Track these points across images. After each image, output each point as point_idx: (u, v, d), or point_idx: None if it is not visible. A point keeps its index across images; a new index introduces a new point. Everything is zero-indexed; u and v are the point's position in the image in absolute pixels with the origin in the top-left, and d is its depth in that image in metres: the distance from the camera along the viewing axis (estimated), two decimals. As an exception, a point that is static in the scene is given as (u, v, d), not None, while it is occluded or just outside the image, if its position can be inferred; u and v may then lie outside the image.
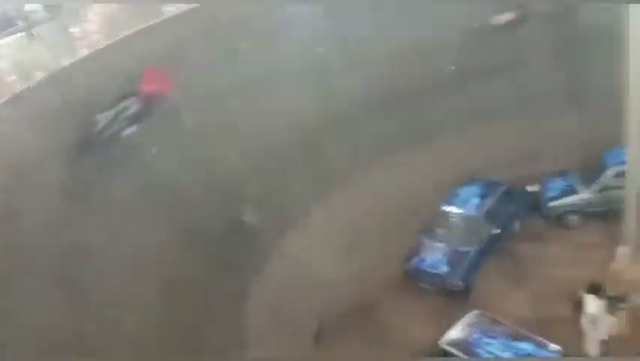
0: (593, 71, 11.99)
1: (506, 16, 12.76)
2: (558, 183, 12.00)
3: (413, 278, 11.10)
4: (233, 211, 11.56)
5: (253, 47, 12.64)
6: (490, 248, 11.19)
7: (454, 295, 10.51)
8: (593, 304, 7.79)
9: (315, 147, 12.66)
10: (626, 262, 8.68)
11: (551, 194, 11.85)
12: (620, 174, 9.78)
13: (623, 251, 8.73)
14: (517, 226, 11.89)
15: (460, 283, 10.47)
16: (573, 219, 11.50)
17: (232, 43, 12.77)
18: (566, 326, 8.93)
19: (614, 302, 8.85)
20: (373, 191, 12.75)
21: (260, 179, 11.90)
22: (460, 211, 11.50)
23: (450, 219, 11.58)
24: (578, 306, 9.22)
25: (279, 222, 11.88)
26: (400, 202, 12.66)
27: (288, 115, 12.41)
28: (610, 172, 10.94)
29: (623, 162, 9.26)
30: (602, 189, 11.09)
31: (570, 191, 11.63)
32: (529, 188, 12.51)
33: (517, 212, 11.93)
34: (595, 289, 7.86)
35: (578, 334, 8.62)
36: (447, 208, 11.68)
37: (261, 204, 11.71)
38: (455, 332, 8.78)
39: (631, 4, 7.00)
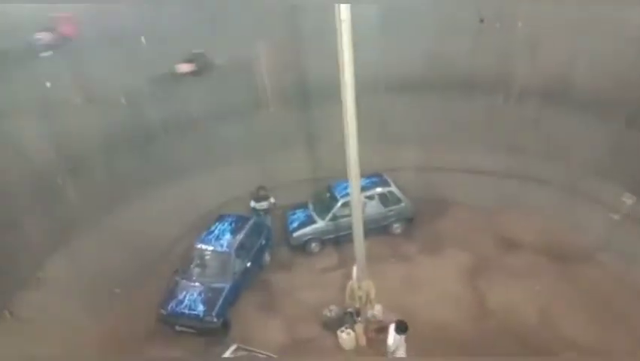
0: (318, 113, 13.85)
1: (186, 67, 13.44)
2: (299, 215, 13.26)
3: (170, 323, 10.59)
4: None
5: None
6: (244, 281, 11.55)
7: (214, 333, 10.45)
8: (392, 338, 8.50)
9: (50, 192, 11.18)
10: (358, 280, 9.98)
11: (295, 225, 13.00)
12: (347, 204, 11.34)
13: (355, 271, 10.02)
14: (267, 257, 12.63)
15: (216, 320, 10.47)
16: (314, 246, 12.82)
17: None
18: (318, 343, 9.90)
19: (352, 317, 10.14)
20: (120, 235, 11.85)
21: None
22: (213, 248, 11.58)
23: (204, 257, 11.54)
24: (326, 325, 10.31)
25: (8, 284, 9.87)
26: (150, 244, 12.13)
27: (15, 156, 10.66)
28: (339, 203, 12.60)
29: (348, 194, 10.70)
30: (334, 218, 12.69)
31: (309, 221, 12.96)
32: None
33: (266, 244, 12.69)
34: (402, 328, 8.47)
35: (327, 350, 9.58)
36: (200, 246, 11.64)
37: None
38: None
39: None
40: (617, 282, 10.70)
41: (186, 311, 10.57)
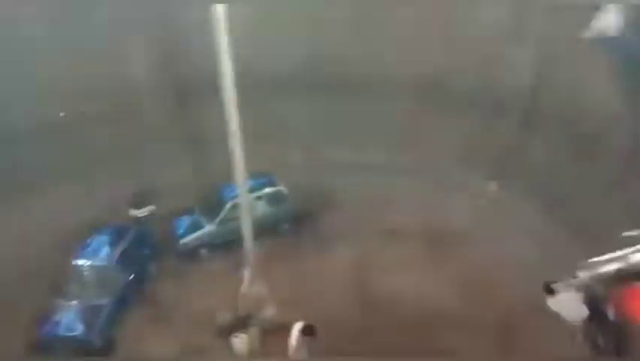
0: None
1: None
2: (186, 221, 12.77)
3: (48, 348, 9.63)
4: None
5: None
6: (130, 295, 10.87)
7: (98, 354, 9.71)
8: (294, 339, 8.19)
9: None
10: (249, 283, 9.88)
11: (181, 231, 12.50)
12: (236, 206, 11.17)
13: (247, 274, 9.90)
14: (153, 267, 11.99)
15: (98, 339, 9.75)
16: (203, 252, 12.42)
17: None
18: (212, 351, 9.63)
19: (246, 322, 10.00)
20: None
21: None
22: (91, 263, 10.76)
23: (82, 273, 10.67)
24: (220, 332, 10.06)
25: None
26: (18, 265, 10.94)
27: None
28: (228, 205, 12.31)
29: (237, 195, 10.55)
30: (223, 221, 12.37)
31: (197, 226, 12.54)
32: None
33: (151, 254, 12.05)
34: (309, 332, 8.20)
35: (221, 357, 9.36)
36: (78, 262, 10.73)
37: None
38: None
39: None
40: (488, 259, 11.73)
41: (64, 334, 9.71)
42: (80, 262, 10.77)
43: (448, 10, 12.79)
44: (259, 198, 12.67)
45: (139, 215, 12.52)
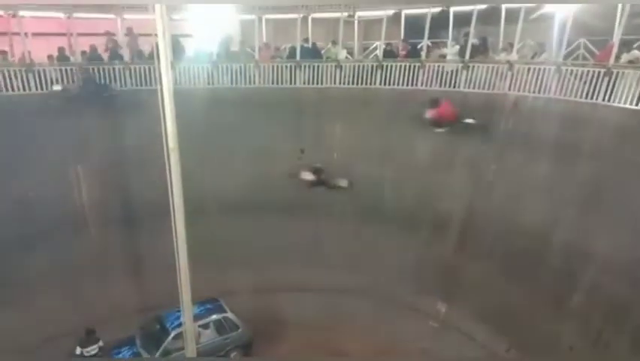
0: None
1: None
2: (125, 353, 11.84)
3: None
4: None
5: None
6: None
7: None
8: None
9: None
10: None
11: (120, 364, 11.53)
12: (179, 336, 10.53)
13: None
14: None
15: None
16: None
17: None
18: None
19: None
20: None
21: None
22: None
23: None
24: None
25: None
26: None
27: None
28: (171, 335, 11.56)
29: (181, 324, 10.04)
30: (166, 353, 11.52)
31: (135, 357, 11.61)
32: None
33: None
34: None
35: None
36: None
37: None
38: None
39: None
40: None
41: None
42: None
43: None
44: (205, 326, 12.09)
45: (85, 354, 11.30)
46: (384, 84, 15.00)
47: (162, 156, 7.51)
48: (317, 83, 15.41)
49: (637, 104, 11.08)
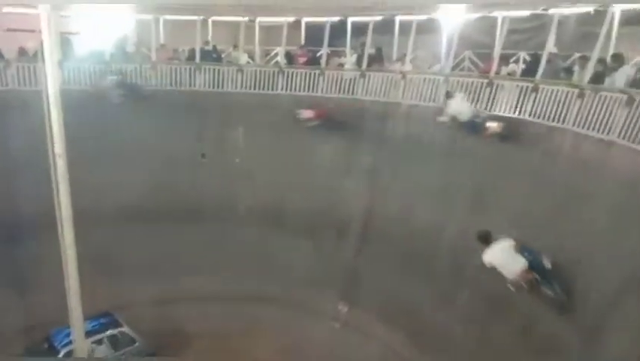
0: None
1: None
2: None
3: None
4: None
5: None
6: None
7: None
8: None
9: None
10: None
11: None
12: (70, 354, 9.84)
13: None
14: None
15: None
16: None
17: None
18: None
19: None
20: None
21: None
22: None
23: None
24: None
25: None
26: None
27: None
28: (61, 354, 10.70)
29: (71, 342, 9.40)
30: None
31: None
32: None
33: None
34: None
35: None
36: None
37: None
38: None
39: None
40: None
41: None
42: None
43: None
44: (99, 342, 11.37)
45: None
46: (285, 90, 15.20)
47: (47, 163, 7.00)
48: (218, 87, 15.24)
49: (514, 113, 12.22)
